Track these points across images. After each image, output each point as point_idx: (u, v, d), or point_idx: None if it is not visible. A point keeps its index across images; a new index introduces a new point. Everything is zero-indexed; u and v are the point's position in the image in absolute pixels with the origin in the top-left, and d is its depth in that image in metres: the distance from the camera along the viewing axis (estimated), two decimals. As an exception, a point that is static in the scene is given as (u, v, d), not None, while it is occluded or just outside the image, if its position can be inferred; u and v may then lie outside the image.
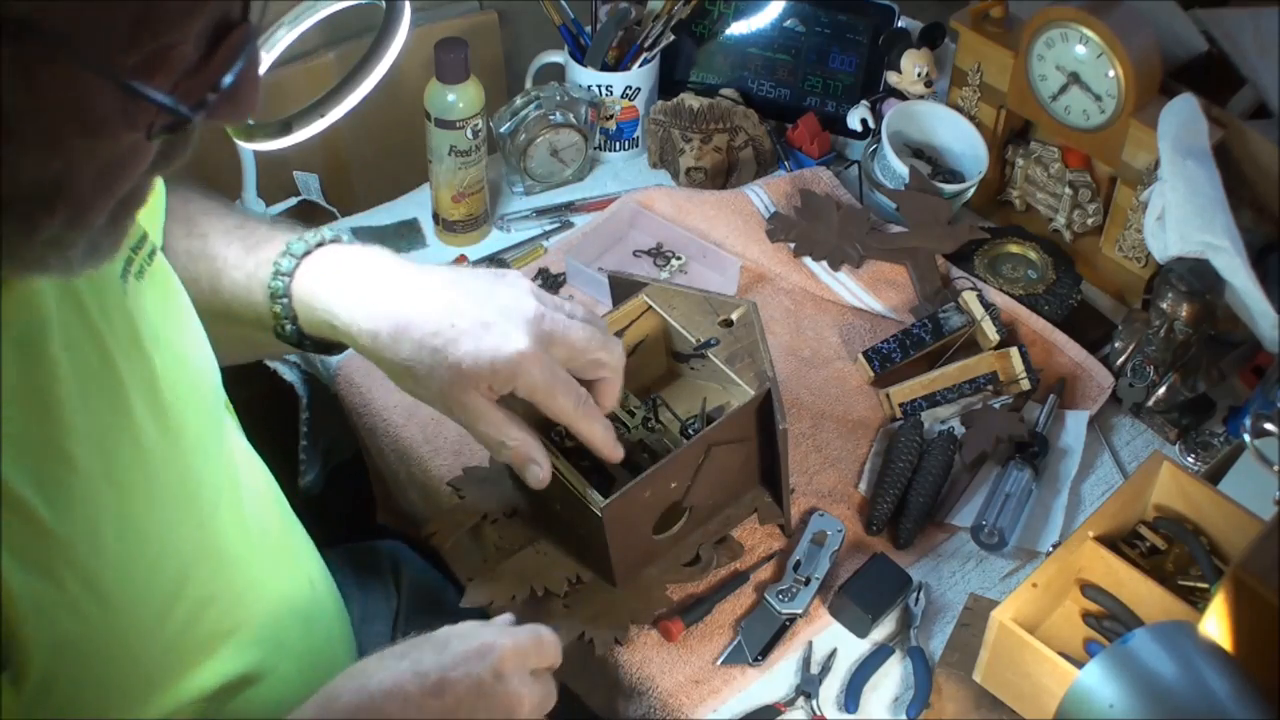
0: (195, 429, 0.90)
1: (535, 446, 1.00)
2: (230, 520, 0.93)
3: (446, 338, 0.96)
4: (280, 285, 1.01)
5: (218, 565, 0.91)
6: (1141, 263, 1.38)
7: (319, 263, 1.02)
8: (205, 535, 0.90)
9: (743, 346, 1.11)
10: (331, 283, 1.00)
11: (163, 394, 0.86)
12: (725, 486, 1.13)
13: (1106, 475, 1.26)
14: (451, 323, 0.97)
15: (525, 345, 0.95)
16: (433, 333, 0.96)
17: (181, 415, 0.88)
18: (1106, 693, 0.93)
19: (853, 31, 1.55)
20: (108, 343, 0.82)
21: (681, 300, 1.14)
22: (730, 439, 1.09)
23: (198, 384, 0.93)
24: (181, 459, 0.88)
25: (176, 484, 0.87)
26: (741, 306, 1.13)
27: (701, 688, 1.08)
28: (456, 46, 1.38)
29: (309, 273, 1.01)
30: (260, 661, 0.95)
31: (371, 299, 0.99)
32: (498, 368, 0.95)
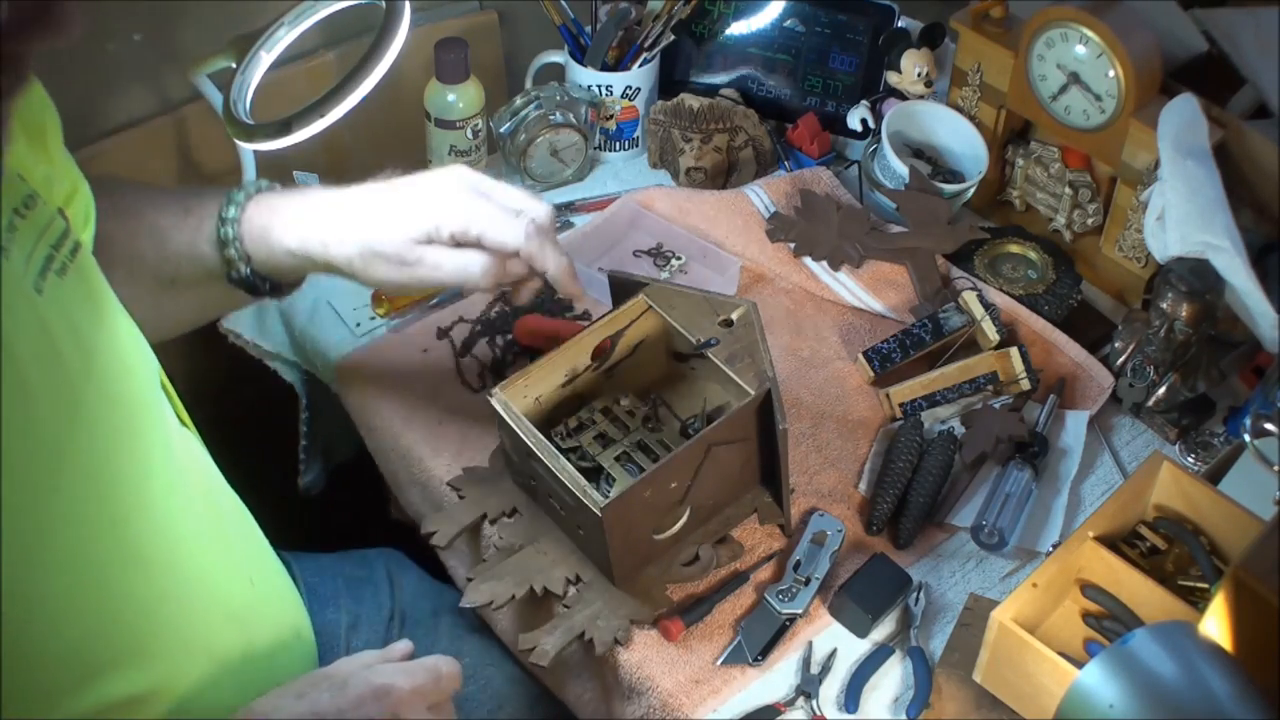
0: (115, 428, 0.89)
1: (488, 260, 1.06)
2: (151, 522, 0.91)
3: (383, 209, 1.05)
4: (230, 231, 1.07)
5: (134, 569, 0.89)
6: (1141, 263, 1.38)
7: (263, 204, 1.08)
8: (119, 538, 0.88)
9: (743, 346, 1.11)
10: (281, 217, 1.07)
11: (78, 396, 0.85)
12: (725, 486, 1.13)
13: (1106, 475, 1.26)
14: (385, 199, 1.06)
15: (450, 185, 1.05)
16: (371, 213, 1.05)
17: (101, 416, 0.87)
18: (1106, 693, 0.93)
19: (853, 31, 1.55)
20: (11, 345, 0.80)
21: (681, 300, 1.14)
22: (730, 439, 1.09)
23: (123, 381, 0.91)
24: (96, 461, 0.86)
25: (87, 487, 0.85)
26: (741, 307, 1.13)
27: (701, 688, 1.08)
28: (456, 46, 1.39)
29: (255, 214, 1.07)
30: (185, 665, 0.93)
31: (318, 218, 1.07)
32: (427, 212, 1.04)
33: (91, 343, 0.87)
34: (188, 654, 0.93)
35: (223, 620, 0.98)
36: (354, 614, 1.23)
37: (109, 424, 0.88)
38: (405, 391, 1.29)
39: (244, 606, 1.01)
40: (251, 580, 1.04)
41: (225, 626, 0.98)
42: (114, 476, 0.88)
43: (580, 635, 1.08)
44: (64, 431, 0.83)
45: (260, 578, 1.06)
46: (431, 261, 1.06)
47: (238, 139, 1.15)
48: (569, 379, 1.15)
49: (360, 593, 1.26)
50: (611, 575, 1.10)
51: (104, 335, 0.90)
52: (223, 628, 0.98)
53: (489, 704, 1.23)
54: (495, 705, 1.23)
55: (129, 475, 0.90)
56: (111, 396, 0.88)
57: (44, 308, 0.83)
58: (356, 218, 1.07)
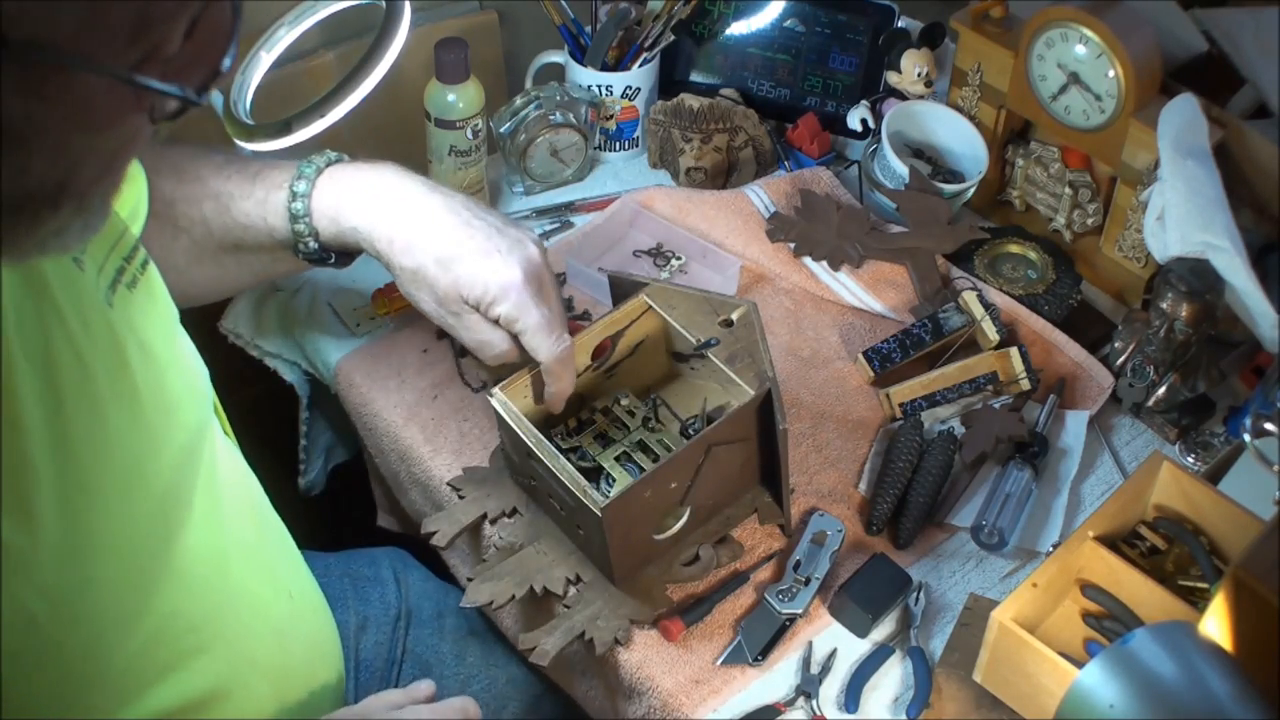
0: (175, 444, 0.89)
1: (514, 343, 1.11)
2: (201, 538, 0.92)
3: (453, 255, 1.09)
4: (301, 207, 1.11)
5: (185, 583, 0.90)
6: (1141, 263, 1.38)
7: (334, 181, 1.13)
8: (172, 554, 0.88)
9: (743, 346, 1.11)
10: (352, 198, 1.12)
11: (144, 408, 0.85)
12: (725, 486, 1.13)
13: (1106, 475, 1.26)
14: (459, 242, 1.10)
15: (518, 278, 1.09)
16: (442, 248, 1.10)
17: (162, 430, 0.87)
18: (1106, 693, 0.93)
19: (853, 31, 1.55)
20: (86, 357, 0.81)
21: (682, 300, 1.14)
22: (730, 439, 1.09)
23: (182, 396, 0.92)
24: (157, 475, 0.87)
25: (148, 501, 0.85)
26: (741, 307, 1.13)
27: (701, 688, 1.08)
28: (456, 46, 1.38)
29: (327, 191, 1.12)
30: (229, 678, 0.93)
31: (391, 211, 1.11)
32: (489, 289, 1.09)
33: (156, 356, 0.88)
34: (233, 666, 0.94)
35: (266, 634, 0.99)
36: (362, 615, 1.24)
37: (169, 438, 0.88)
38: (405, 391, 1.29)
39: (284, 620, 1.02)
40: (291, 594, 1.05)
41: (268, 640, 0.99)
42: (173, 492, 0.89)
43: (581, 635, 1.08)
44: (131, 445, 0.84)
45: (298, 591, 1.07)
46: (466, 322, 1.12)
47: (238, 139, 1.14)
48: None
49: (367, 593, 1.26)
50: (611, 575, 1.10)
51: (167, 349, 0.91)
52: (266, 641, 0.99)
53: (493, 704, 1.23)
54: (499, 705, 1.23)
55: (185, 491, 0.91)
56: (172, 410, 0.89)
57: (114, 320, 0.84)
58: (429, 241, 1.11)
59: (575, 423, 1.16)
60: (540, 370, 1.11)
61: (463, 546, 1.22)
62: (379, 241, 1.11)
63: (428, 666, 1.24)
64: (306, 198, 1.12)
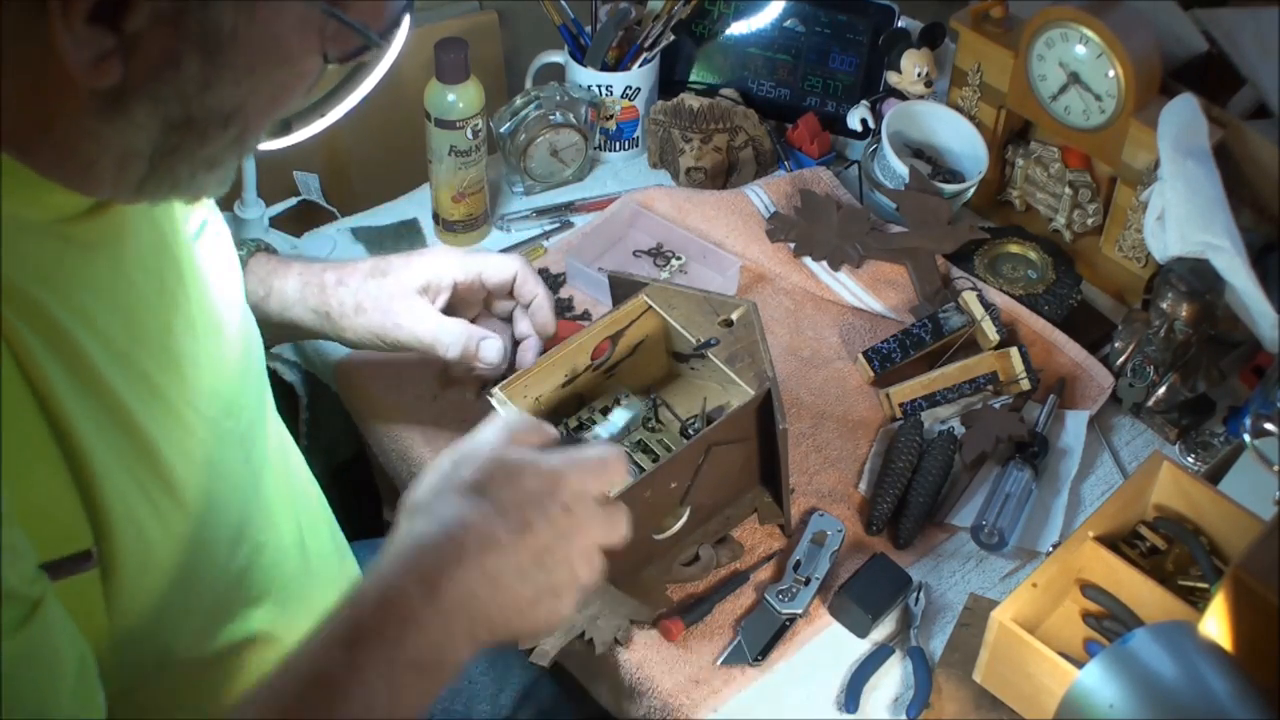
0: (252, 383, 0.96)
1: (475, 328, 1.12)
2: (277, 478, 0.99)
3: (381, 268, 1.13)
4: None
5: (267, 518, 0.95)
6: (1141, 263, 1.38)
7: (262, 260, 1.15)
8: (259, 487, 0.94)
9: (743, 346, 1.11)
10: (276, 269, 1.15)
11: (226, 344, 0.92)
12: (725, 486, 1.13)
13: (1106, 475, 1.26)
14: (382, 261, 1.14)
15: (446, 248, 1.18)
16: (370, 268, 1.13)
17: (243, 366, 0.94)
18: (1106, 693, 0.93)
19: (853, 31, 1.55)
20: (187, 285, 0.87)
21: (682, 300, 1.14)
22: (730, 439, 1.09)
23: (253, 345, 0.99)
24: (247, 408, 0.93)
25: (241, 429, 0.91)
26: (742, 306, 1.13)
27: (701, 688, 1.08)
28: (456, 46, 1.38)
29: (261, 265, 1.14)
30: (293, 620, 0.97)
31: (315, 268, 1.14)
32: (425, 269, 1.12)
33: (231, 300, 0.95)
34: (299, 605, 0.98)
35: (327, 580, 1.05)
36: None
37: (250, 375, 0.95)
38: (405, 391, 1.29)
39: (338, 574, 1.09)
40: (338, 550, 1.12)
41: (323, 588, 1.04)
42: (254, 428, 0.95)
43: (580, 635, 1.08)
44: (221, 372, 0.90)
45: (343, 550, 1.14)
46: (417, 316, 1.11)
47: (238, 139, 1.15)
48: (569, 379, 1.15)
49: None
50: (611, 575, 1.10)
51: (238, 300, 0.98)
52: (322, 588, 1.03)
53: (492, 686, 1.23)
54: (498, 687, 1.23)
55: (261, 430, 0.99)
56: (248, 351, 0.97)
57: (201, 264, 0.91)
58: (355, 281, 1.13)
59: (575, 423, 1.16)
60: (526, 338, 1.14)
61: None
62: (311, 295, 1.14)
63: None
64: (242, 262, 1.12)
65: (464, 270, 1.13)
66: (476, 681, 1.23)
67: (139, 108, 0.70)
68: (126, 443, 0.78)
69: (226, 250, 0.98)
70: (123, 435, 0.78)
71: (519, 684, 1.24)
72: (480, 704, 1.22)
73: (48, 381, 0.71)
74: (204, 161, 0.75)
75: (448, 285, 1.13)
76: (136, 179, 0.74)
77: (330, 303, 1.12)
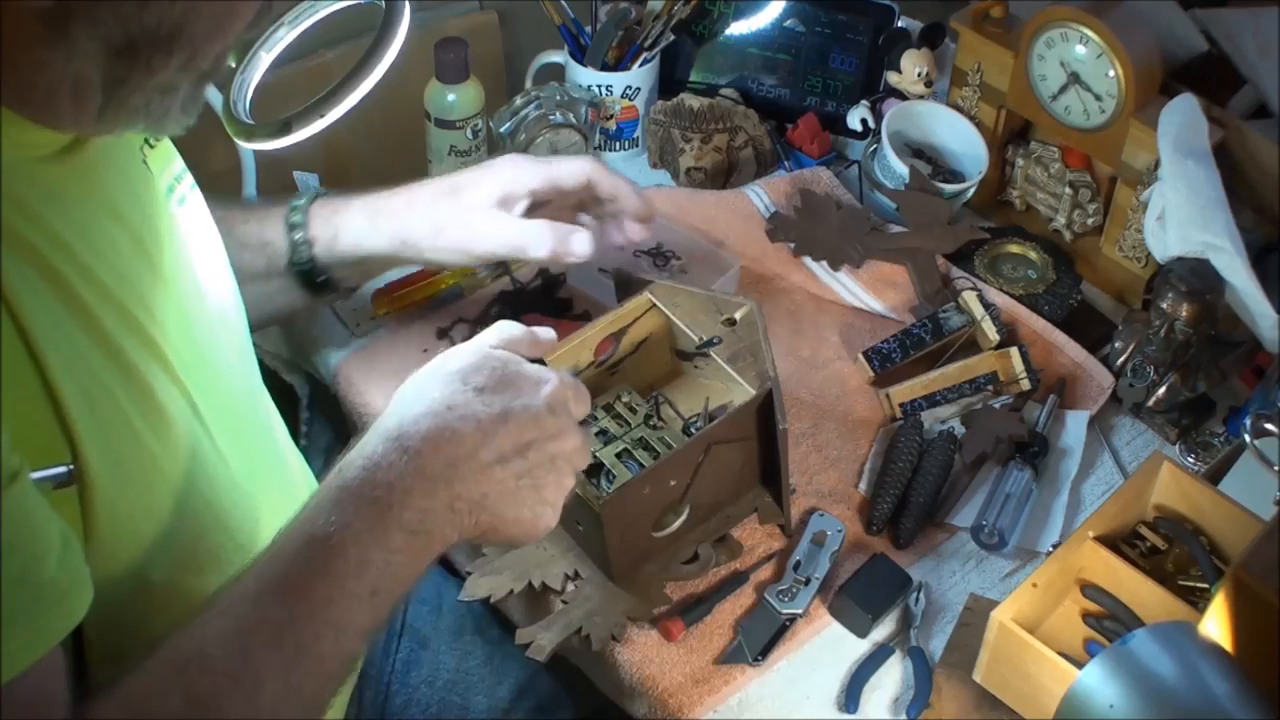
0: (232, 342, 0.98)
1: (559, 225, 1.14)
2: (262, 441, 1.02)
3: (454, 186, 1.15)
4: (299, 218, 1.16)
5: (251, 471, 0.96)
6: (1141, 263, 1.38)
7: (329, 199, 1.18)
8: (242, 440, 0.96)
9: (745, 346, 1.11)
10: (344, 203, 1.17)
11: (204, 300, 0.93)
12: (725, 485, 1.13)
13: (1106, 475, 1.26)
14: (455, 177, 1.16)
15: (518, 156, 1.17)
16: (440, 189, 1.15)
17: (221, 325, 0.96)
18: (1106, 693, 0.93)
19: (853, 31, 1.55)
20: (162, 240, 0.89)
21: (685, 299, 1.14)
22: (731, 438, 1.09)
23: (234, 308, 1.00)
24: (222, 360, 0.95)
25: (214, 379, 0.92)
26: (745, 306, 1.13)
27: (701, 688, 1.08)
28: (456, 46, 1.39)
29: (323, 206, 1.17)
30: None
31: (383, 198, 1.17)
32: (499, 180, 1.14)
33: (209, 263, 0.96)
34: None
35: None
36: None
37: (230, 338, 0.97)
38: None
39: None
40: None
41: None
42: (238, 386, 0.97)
43: (578, 631, 1.08)
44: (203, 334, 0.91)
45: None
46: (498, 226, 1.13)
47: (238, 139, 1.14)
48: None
49: None
50: (610, 572, 1.10)
51: (216, 264, 0.98)
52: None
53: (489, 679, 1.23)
54: (495, 681, 1.24)
55: (247, 389, 1.00)
56: (227, 314, 0.98)
57: (177, 225, 0.92)
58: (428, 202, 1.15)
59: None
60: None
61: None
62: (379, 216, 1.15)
63: (426, 640, 1.25)
64: (303, 210, 1.16)
65: (538, 178, 1.15)
66: (474, 674, 1.23)
67: (79, 31, 0.72)
68: (105, 365, 0.79)
69: (204, 220, 0.99)
70: (102, 357, 0.79)
71: (516, 678, 1.24)
72: (478, 697, 1.22)
73: (24, 303, 0.73)
74: (157, 89, 0.76)
75: (524, 194, 1.15)
76: (94, 109, 0.76)
77: (406, 227, 1.14)
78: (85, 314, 0.78)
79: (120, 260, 0.83)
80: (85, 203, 0.82)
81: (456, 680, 1.23)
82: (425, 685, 1.23)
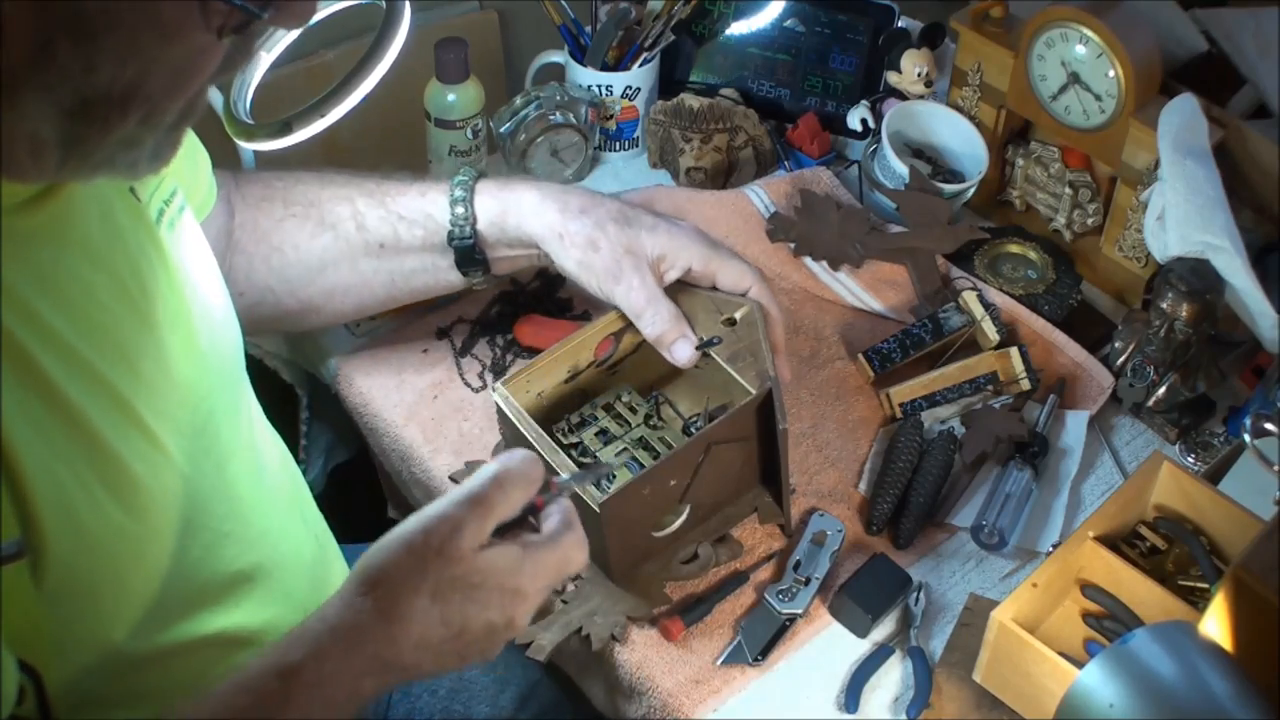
0: (219, 375, 0.96)
1: (684, 323, 1.11)
2: (245, 468, 0.99)
3: (629, 217, 1.12)
4: (463, 194, 1.14)
5: (233, 505, 0.95)
6: (1141, 263, 1.38)
7: (493, 179, 1.16)
8: (222, 477, 0.94)
9: (745, 346, 1.11)
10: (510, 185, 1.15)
11: (190, 334, 0.92)
12: (726, 485, 1.13)
13: (1106, 475, 1.26)
14: (631, 205, 1.14)
15: (694, 229, 1.14)
16: (617, 212, 1.12)
17: (209, 360, 0.94)
18: (1106, 693, 0.93)
19: (853, 31, 1.55)
20: (144, 277, 0.87)
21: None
22: (730, 438, 1.09)
23: (223, 336, 0.98)
24: (207, 399, 0.93)
25: (199, 421, 0.91)
26: (745, 306, 1.13)
27: (701, 688, 1.08)
28: (456, 46, 1.39)
29: (488, 184, 1.15)
30: (274, 615, 0.98)
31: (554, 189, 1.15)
32: (670, 242, 1.12)
33: (198, 290, 0.95)
34: (274, 596, 0.99)
35: (301, 571, 1.04)
36: None
37: (216, 368, 0.96)
38: (405, 391, 1.29)
39: (314, 560, 1.08)
40: (317, 538, 1.11)
41: (301, 576, 1.04)
42: (220, 420, 0.95)
43: (578, 631, 1.08)
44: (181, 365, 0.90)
45: (322, 536, 1.14)
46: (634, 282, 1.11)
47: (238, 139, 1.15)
48: (571, 375, 1.15)
49: None
50: (610, 572, 1.10)
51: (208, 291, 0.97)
52: (299, 577, 1.03)
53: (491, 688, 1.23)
54: (497, 690, 1.24)
55: (229, 419, 0.98)
56: (216, 341, 0.96)
57: (167, 251, 0.91)
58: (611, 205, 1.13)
59: (578, 418, 1.16)
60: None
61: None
62: (548, 213, 1.13)
63: None
64: (469, 187, 1.15)
65: (702, 263, 1.13)
66: (476, 682, 1.23)
67: (27, 96, 0.70)
68: (67, 437, 0.78)
69: (195, 239, 0.98)
70: (64, 429, 0.78)
71: (519, 685, 1.24)
72: (480, 705, 1.22)
73: None
74: (119, 144, 0.74)
75: (681, 269, 1.13)
76: (54, 164, 0.74)
77: (568, 227, 1.12)
78: (46, 387, 0.77)
79: (96, 309, 0.82)
80: (59, 252, 0.80)
81: (459, 688, 1.23)
82: (427, 694, 1.23)
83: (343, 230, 1.16)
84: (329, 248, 1.16)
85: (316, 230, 1.16)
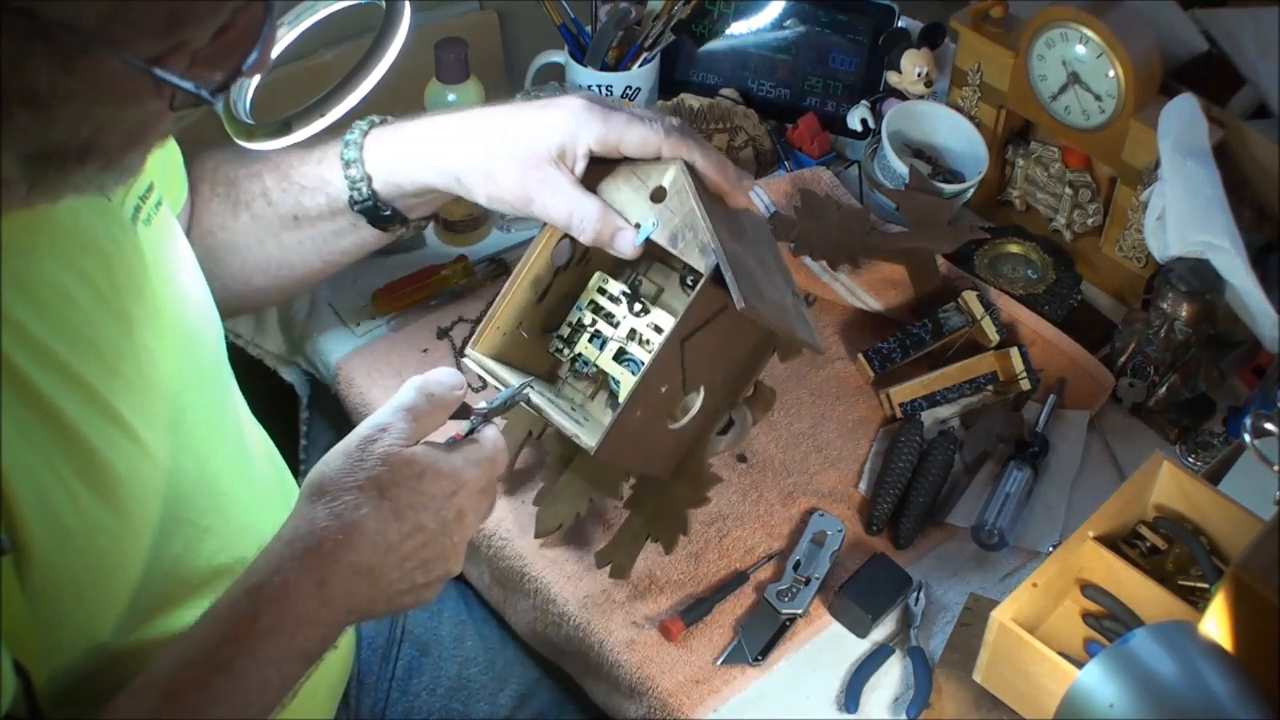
0: (198, 369, 0.96)
1: (612, 215, 1.04)
2: (228, 462, 1.00)
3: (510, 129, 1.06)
4: (353, 154, 1.12)
5: (215, 500, 0.96)
6: (1141, 263, 1.38)
7: (384, 129, 1.14)
8: (204, 471, 0.95)
9: (681, 220, 1.01)
10: (398, 133, 1.13)
11: (168, 330, 0.92)
12: (727, 352, 1.08)
13: (1106, 475, 1.26)
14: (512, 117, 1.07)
15: (581, 102, 1.05)
16: (500, 126, 1.07)
17: (186, 353, 0.94)
18: (1106, 693, 0.93)
19: (853, 31, 1.55)
20: (117, 275, 0.87)
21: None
22: (702, 322, 1.01)
23: (201, 329, 0.99)
24: (185, 392, 0.93)
25: (177, 415, 0.92)
26: (669, 168, 1.03)
27: (701, 688, 1.08)
28: (456, 46, 1.38)
29: (378, 138, 1.13)
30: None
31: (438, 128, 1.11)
32: (560, 132, 1.04)
33: (175, 285, 0.95)
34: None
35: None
36: None
37: (195, 361, 0.97)
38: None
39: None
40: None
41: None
42: (200, 415, 0.95)
43: (648, 537, 1.11)
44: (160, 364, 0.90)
45: None
46: (554, 187, 1.04)
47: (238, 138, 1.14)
48: (541, 293, 1.10)
49: None
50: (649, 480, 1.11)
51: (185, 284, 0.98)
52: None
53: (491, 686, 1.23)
54: (497, 687, 1.24)
55: (212, 416, 0.98)
56: (192, 338, 0.97)
57: (142, 247, 0.91)
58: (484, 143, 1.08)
59: (568, 330, 1.12)
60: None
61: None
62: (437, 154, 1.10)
63: (426, 647, 1.25)
64: (358, 145, 1.12)
65: (599, 141, 1.03)
66: (475, 681, 1.23)
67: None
68: (46, 436, 0.79)
69: (172, 233, 0.98)
70: (42, 428, 0.79)
71: (518, 685, 1.24)
72: (479, 704, 1.22)
73: None
74: (82, 181, 0.76)
75: (584, 155, 1.04)
76: (20, 197, 0.76)
77: (459, 166, 1.08)
78: (23, 388, 0.78)
79: (69, 310, 0.83)
80: (32, 256, 0.81)
81: (458, 687, 1.23)
82: (426, 692, 1.23)
83: (256, 208, 1.15)
84: (249, 227, 1.16)
85: (235, 210, 1.16)
